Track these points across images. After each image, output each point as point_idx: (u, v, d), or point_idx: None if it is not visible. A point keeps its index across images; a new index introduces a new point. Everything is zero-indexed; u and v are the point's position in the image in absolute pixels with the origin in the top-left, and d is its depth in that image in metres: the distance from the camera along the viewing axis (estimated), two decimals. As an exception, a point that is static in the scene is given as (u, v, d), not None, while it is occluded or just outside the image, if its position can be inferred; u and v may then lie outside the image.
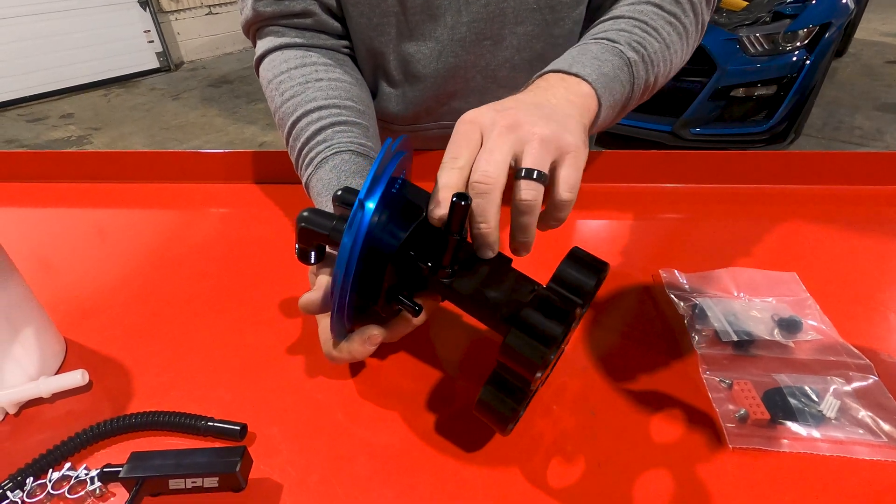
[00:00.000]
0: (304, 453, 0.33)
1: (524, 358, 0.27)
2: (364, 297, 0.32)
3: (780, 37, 2.32)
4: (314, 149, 0.46)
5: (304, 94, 0.49)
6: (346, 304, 0.29)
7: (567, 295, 0.28)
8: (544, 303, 0.27)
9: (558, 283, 0.28)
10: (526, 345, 0.27)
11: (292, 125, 0.48)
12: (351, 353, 0.33)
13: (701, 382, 0.36)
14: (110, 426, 0.33)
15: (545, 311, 0.27)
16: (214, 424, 0.33)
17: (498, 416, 0.29)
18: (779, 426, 0.32)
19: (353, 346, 0.33)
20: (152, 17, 4.29)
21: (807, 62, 2.32)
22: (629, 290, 0.45)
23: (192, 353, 0.41)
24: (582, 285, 0.28)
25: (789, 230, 0.52)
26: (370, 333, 0.33)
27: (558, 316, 0.27)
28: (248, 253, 0.52)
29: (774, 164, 0.58)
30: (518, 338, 0.27)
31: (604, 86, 0.39)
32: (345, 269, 0.27)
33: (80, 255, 0.54)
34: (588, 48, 0.42)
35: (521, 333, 0.27)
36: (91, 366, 0.39)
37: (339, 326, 0.31)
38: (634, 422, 0.34)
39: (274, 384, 0.38)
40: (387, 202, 0.29)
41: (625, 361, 0.38)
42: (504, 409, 0.29)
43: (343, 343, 0.33)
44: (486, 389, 0.29)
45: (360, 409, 0.36)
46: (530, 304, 0.27)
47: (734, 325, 0.39)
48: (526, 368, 0.27)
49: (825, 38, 2.34)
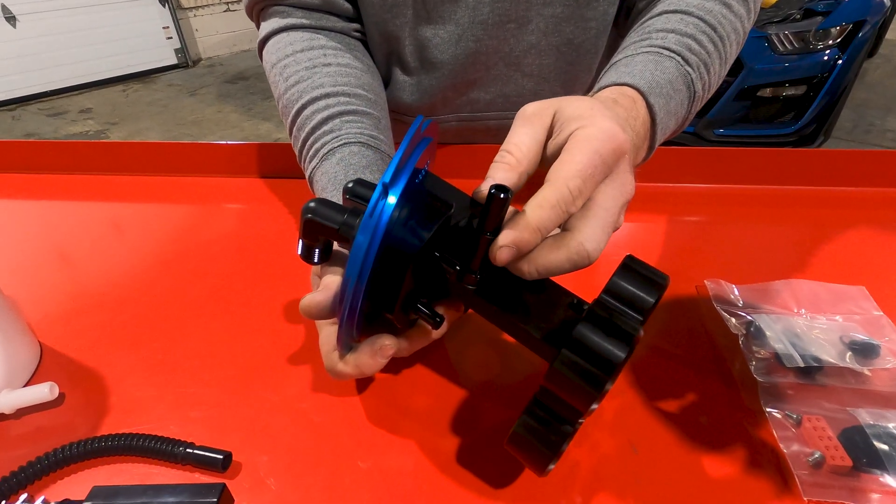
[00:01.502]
0: (298, 488, 0.28)
1: (578, 386, 0.22)
2: (377, 303, 0.27)
3: (810, 35, 2.23)
4: (320, 139, 0.42)
5: (311, 80, 0.44)
6: (358, 310, 0.25)
7: (626, 310, 0.23)
8: (601, 320, 0.22)
9: (613, 297, 0.23)
10: (581, 370, 0.22)
11: (297, 113, 0.44)
12: (359, 366, 0.28)
13: (762, 416, 0.31)
14: (76, 450, 0.29)
15: (605, 328, 0.22)
16: (194, 452, 0.29)
17: (537, 454, 0.24)
18: (864, 475, 0.27)
19: (362, 358, 0.28)
20: (171, 14, 4.31)
21: (839, 61, 2.22)
22: (670, 303, 0.40)
23: (178, 364, 0.36)
24: (640, 301, 0.23)
25: (852, 237, 0.46)
26: (382, 344, 0.28)
27: (619, 335, 0.22)
28: (250, 253, 0.48)
29: (833, 163, 0.52)
30: (571, 361, 0.22)
31: (662, 129, 0.35)
32: (359, 270, 0.23)
33: (70, 252, 0.50)
34: (665, 67, 0.36)
35: (574, 356, 0.22)
36: (68, 376, 0.35)
37: (346, 336, 0.27)
38: (685, 463, 0.29)
39: (266, 402, 0.33)
40: (409, 195, 0.24)
41: (670, 387, 0.33)
42: (546, 446, 0.24)
43: (350, 355, 0.29)
44: (523, 421, 0.25)
45: (365, 435, 0.31)
46: (585, 319, 0.23)
47: (798, 348, 0.34)
48: (579, 399, 0.22)
49: (859, 37, 2.24)
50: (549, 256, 0.25)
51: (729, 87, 2.27)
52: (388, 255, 0.25)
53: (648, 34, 0.40)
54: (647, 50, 0.38)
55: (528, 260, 0.25)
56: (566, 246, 0.25)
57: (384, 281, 0.26)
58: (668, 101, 0.35)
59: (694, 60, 0.38)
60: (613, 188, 0.26)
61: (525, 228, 0.24)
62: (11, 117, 3.59)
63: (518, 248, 0.24)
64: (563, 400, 0.23)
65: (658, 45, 0.38)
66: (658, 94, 0.34)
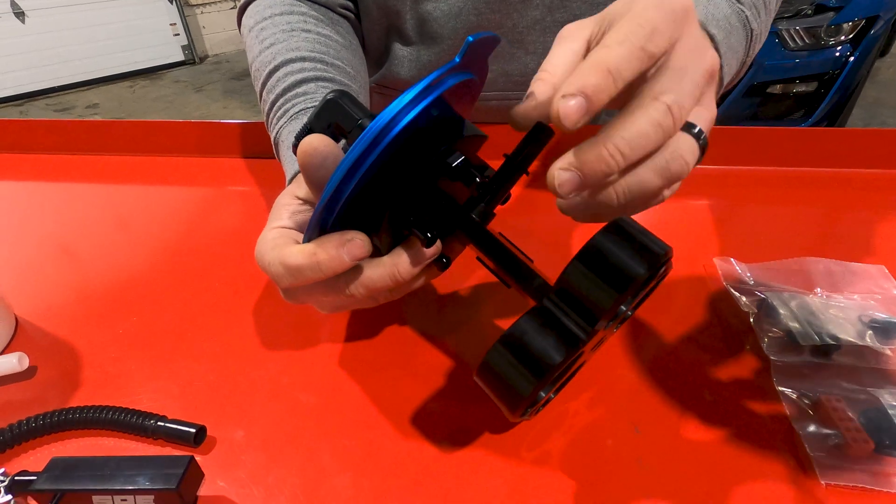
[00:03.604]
0: (274, 466, 0.26)
1: (597, 290, 0.21)
2: (366, 211, 0.23)
3: (822, 30, 2.19)
4: (291, 100, 0.38)
5: (287, 43, 0.41)
6: (345, 197, 0.21)
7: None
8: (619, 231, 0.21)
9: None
10: (597, 275, 0.21)
11: (269, 74, 0.40)
12: (315, 255, 0.22)
13: (775, 396, 0.28)
14: (40, 423, 0.27)
15: (624, 239, 0.21)
16: (165, 425, 0.27)
17: (506, 389, 0.22)
18: (886, 458, 0.25)
19: (325, 245, 0.22)
20: (178, 11, 4.32)
21: (851, 58, 2.18)
22: (679, 282, 0.37)
23: (155, 339, 0.35)
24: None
25: (869, 218, 0.44)
26: (353, 237, 0.22)
27: (643, 253, 0.21)
28: (232, 231, 0.46)
29: (848, 143, 0.50)
30: (589, 264, 0.21)
31: (727, 64, 0.30)
32: (367, 147, 0.20)
33: (50, 229, 0.48)
34: (717, 4, 0.31)
35: (592, 260, 0.21)
36: (41, 350, 0.34)
37: (319, 223, 0.22)
38: (690, 444, 0.27)
39: (245, 378, 0.31)
40: (440, 107, 0.22)
41: (677, 367, 0.31)
42: (521, 378, 0.22)
43: (309, 245, 0.22)
44: (502, 347, 0.22)
45: (349, 414, 0.29)
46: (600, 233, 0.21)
47: (814, 326, 0.31)
48: (596, 306, 0.21)
49: (871, 33, 2.21)
50: (627, 123, 0.20)
51: (738, 83, 2.24)
52: (399, 158, 0.21)
53: None
54: None
55: (605, 138, 0.20)
56: (642, 107, 0.19)
57: (383, 185, 0.22)
58: (728, 36, 0.31)
59: (747, 0, 0.34)
60: (689, 48, 0.21)
61: (593, 70, 0.19)
62: (19, 112, 3.61)
63: (588, 99, 0.19)
64: (575, 307, 0.21)
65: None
66: (716, 25, 0.29)
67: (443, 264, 0.26)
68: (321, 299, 0.25)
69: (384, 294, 0.26)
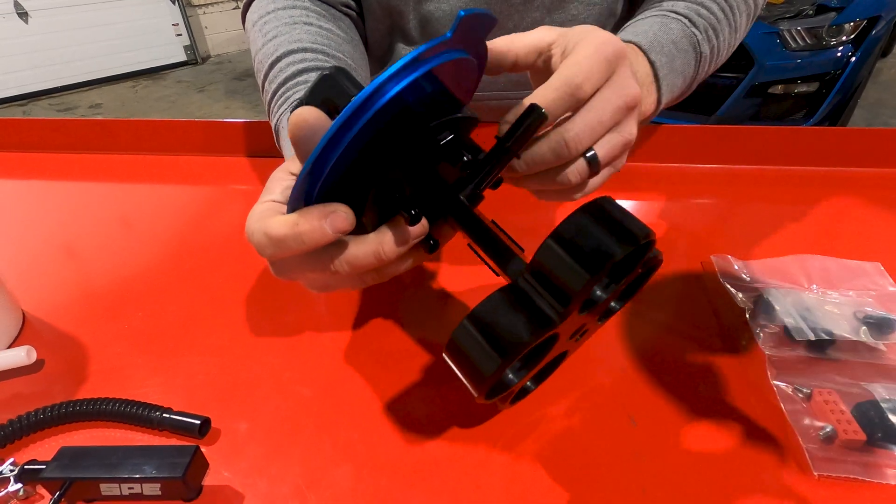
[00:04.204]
0: (276, 457, 0.27)
1: (569, 270, 0.20)
2: (351, 186, 0.22)
3: (823, 31, 2.19)
4: (292, 88, 0.39)
5: (289, 35, 0.42)
6: (332, 168, 0.20)
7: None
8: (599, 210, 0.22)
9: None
10: (570, 255, 0.21)
11: (271, 66, 0.41)
12: (297, 226, 0.21)
13: (770, 390, 0.29)
14: (49, 414, 0.28)
15: (602, 219, 0.21)
16: (171, 417, 0.27)
17: (473, 364, 0.22)
18: (878, 450, 0.25)
19: (308, 216, 0.21)
20: (181, 11, 4.33)
21: (852, 58, 2.18)
22: (675, 278, 0.38)
23: (160, 334, 0.35)
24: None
25: (865, 216, 0.44)
26: (336, 209, 0.22)
27: (621, 234, 0.21)
28: (237, 229, 0.47)
29: (845, 142, 0.50)
30: (563, 244, 0.21)
31: (668, 85, 0.34)
32: (350, 115, 0.19)
33: (56, 226, 0.49)
34: (670, 28, 0.36)
35: (567, 239, 0.21)
36: (48, 344, 0.34)
37: (302, 191, 0.21)
38: (687, 438, 0.27)
39: (249, 372, 0.32)
40: (431, 80, 0.21)
41: (673, 362, 0.31)
42: (488, 355, 0.21)
43: (292, 215, 0.22)
44: (469, 324, 0.22)
45: (349, 407, 0.30)
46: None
47: (809, 322, 0.32)
48: (568, 287, 0.21)
49: (873, 34, 2.21)
50: (534, 146, 0.26)
51: (739, 83, 2.24)
52: (386, 131, 0.21)
53: (660, 2, 0.40)
54: (655, 14, 0.38)
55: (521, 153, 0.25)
56: (548, 136, 0.25)
57: (371, 159, 0.21)
58: (672, 60, 0.35)
59: (702, 24, 0.38)
60: (610, 90, 0.26)
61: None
62: (22, 112, 3.62)
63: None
64: (546, 286, 0.21)
65: (666, 9, 0.39)
66: (659, 51, 0.34)
67: (430, 246, 0.25)
68: (307, 275, 0.25)
69: (371, 275, 0.26)
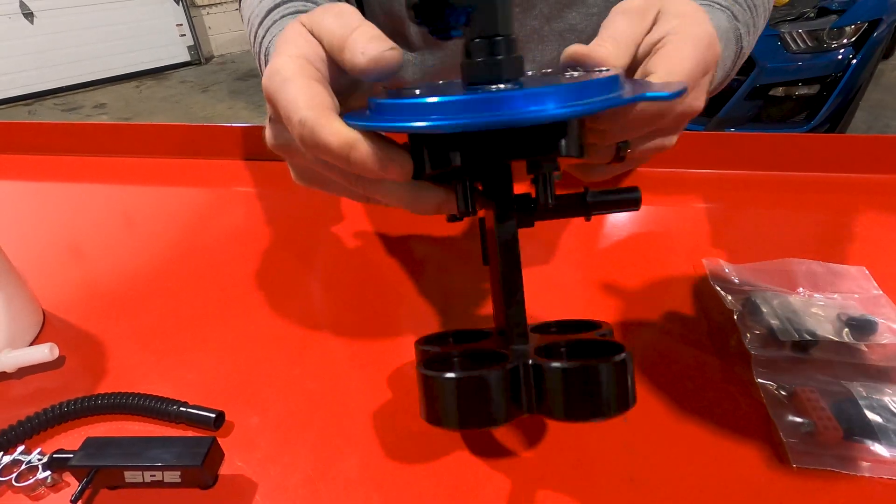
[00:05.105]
0: (287, 449, 0.29)
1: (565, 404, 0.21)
2: (431, 150, 0.21)
3: (824, 33, 2.20)
4: (289, 8, 0.36)
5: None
6: (429, 135, 0.19)
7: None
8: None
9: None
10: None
11: (265, 15, 0.38)
12: (349, 156, 0.20)
13: (755, 389, 0.30)
14: (73, 407, 0.29)
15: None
16: (187, 410, 0.29)
17: (442, 415, 0.21)
18: (855, 444, 0.27)
19: (367, 153, 0.20)
20: (185, 12, 4.36)
21: (853, 61, 2.19)
22: (666, 280, 0.39)
23: (175, 332, 0.37)
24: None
25: (853, 221, 0.46)
26: (399, 159, 0.21)
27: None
28: (248, 230, 0.49)
29: (835, 148, 0.51)
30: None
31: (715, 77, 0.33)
32: (488, 117, 0.18)
33: (74, 229, 0.51)
34: (718, 17, 0.34)
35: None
36: (68, 342, 0.36)
37: (375, 124, 0.20)
38: (675, 432, 0.29)
39: (259, 369, 0.34)
40: None
41: (663, 361, 0.33)
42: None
43: (353, 134, 0.20)
44: (451, 383, 0.20)
45: (358, 402, 0.31)
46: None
47: (794, 324, 0.33)
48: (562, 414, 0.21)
49: (874, 36, 2.21)
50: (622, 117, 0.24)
51: (740, 85, 2.25)
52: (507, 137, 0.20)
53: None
54: (701, 1, 0.36)
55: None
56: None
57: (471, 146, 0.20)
58: (725, 48, 0.33)
59: (742, 17, 0.36)
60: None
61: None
62: (28, 112, 3.65)
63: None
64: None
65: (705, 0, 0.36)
66: (722, 39, 0.32)
67: (456, 216, 0.24)
68: (321, 175, 0.24)
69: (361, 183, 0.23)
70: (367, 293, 0.40)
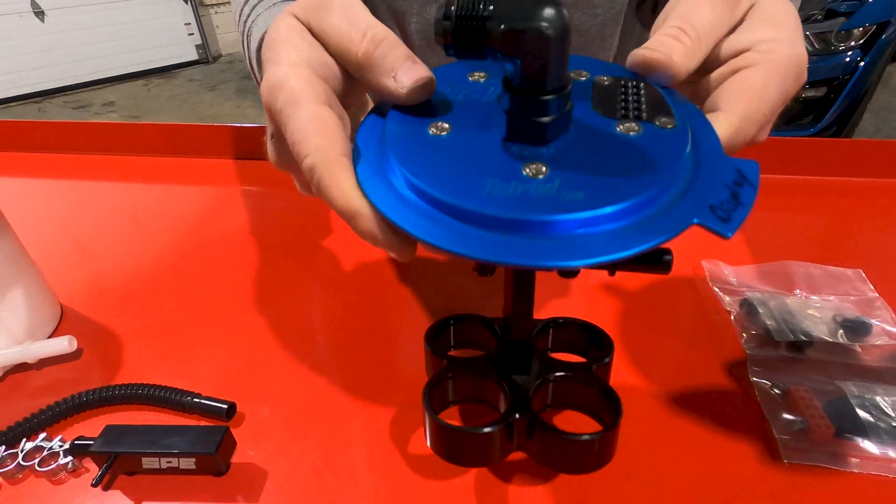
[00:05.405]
0: (296, 439, 0.30)
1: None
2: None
3: (832, 36, 2.19)
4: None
5: None
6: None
7: None
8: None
9: None
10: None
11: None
12: (354, 215, 0.18)
13: (750, 386, 0.31)
14: (92, 397, 0.30)
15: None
16: (200, 401, 0.30)
17: (437, 445, 0.24)
18: (845, 442, 0.28)
19: (377, 232, 0.18)
20: (193, 11, 4.39)
21: (861, 63, 2.18)
22: (666, 281, 0.40)
23: (189, 326, 0.38)
24: None
25: (848, 224, 0.46)
26: (408, 245, 0.18)
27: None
28: (260, 228, 0.50)
29: (834, 152, 0.52)
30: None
31: None
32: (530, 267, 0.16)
33: (89, 226, 0.52)
34: None
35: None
36: (85, 334, 0.37)
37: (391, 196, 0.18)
38: (670, 428, 0.29)
39: (271, 363, 0.35)
40: None
41: (660, 359, 0.34)
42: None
43: (359, 199, 0.18)
44: (451, 432, 0.23)
45: (364, 395, 0.32)
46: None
47: (790, 324, 0.34)
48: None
49: (882, 38, 2.20)
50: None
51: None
52: None
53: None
54: None
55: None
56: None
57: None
58: None
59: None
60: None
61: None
62: (38, 109, 3.69)
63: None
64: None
65: None
66: None
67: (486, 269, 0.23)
68: (305, 179, 0.20)
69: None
70: (374, 288, 0.41)
